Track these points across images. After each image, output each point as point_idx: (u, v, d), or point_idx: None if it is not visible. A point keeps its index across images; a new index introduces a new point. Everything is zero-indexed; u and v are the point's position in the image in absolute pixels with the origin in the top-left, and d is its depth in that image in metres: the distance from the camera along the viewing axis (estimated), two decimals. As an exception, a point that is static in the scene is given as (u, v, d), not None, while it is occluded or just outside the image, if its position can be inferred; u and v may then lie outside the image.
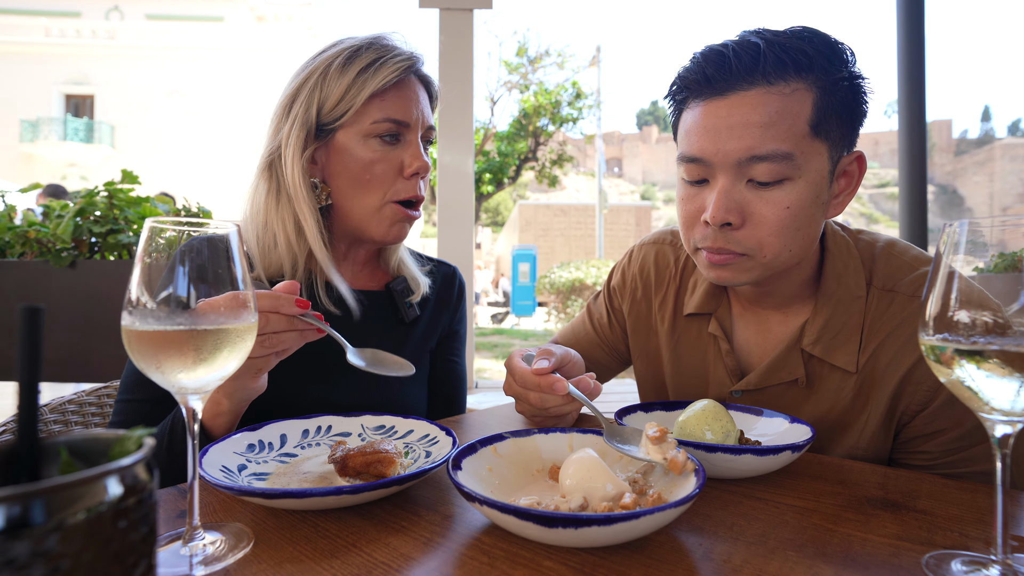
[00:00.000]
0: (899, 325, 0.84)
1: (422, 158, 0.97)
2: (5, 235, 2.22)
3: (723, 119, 0.77)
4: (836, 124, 0.78)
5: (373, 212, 0.97)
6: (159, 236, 0.52)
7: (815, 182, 0.79)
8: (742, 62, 0.76)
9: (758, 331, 0.97)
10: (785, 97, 0.75)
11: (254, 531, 0.57)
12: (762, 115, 0.75)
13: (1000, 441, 0.49)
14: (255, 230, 0.98)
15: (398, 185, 0.97)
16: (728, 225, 0.80)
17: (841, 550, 0.53)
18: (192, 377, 0.52)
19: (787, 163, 0.76)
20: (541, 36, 37.19)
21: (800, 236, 0.81)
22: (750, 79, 0.76)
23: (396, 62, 0.94)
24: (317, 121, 0.95)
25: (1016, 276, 0.46)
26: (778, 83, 0.75)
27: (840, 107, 0.77)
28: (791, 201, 0.77)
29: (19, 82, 25.15)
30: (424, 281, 1.12)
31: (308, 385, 0.96)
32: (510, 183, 16.73)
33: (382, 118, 0.94)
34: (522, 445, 0.71)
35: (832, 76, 0.76)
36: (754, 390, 0.93)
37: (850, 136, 0.81)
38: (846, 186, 0.84)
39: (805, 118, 0.76)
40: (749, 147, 0.76)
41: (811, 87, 0.76)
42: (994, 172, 64.21)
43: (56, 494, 0.24)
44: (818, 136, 0.77)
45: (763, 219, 0.79)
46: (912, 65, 4.26)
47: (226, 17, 27.45)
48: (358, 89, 0.93)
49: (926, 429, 0.83)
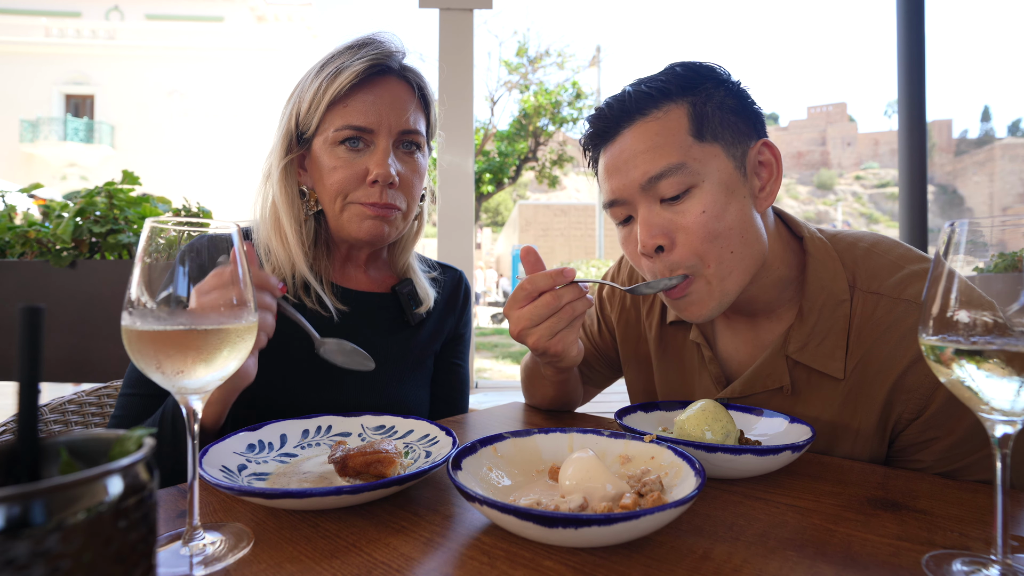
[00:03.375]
0: (887, 329, 0.82)
1: (384, 165, 0.93)
2: (5, 235, 2.22)
3: (618, 157, 0.85)
4: (721, 125, 0.82)
5: (338, 215, 0.96)
6: (159, 236, 0.52)
7: (722, 181, 0.82)
8: (615, 109, 0.85)
9: (743, 339, 0.96)
10: (659, 121, 0.82)
11: (254, 531, 0.57)
12: (646, 141, 0.82)
13: (1000, 441, 0.49)
14: (264, 232, 1.00)
15: (359, 192, 0.94)
16: (661, 250, 0.83)
17: (841, 550, 0.53)
18: (192, 377, 0.52)
19: (684, 172, 0.80)
20: (541, 36, 37.18)
21: (735, 235, 0.81)
22: (628, 118, 0.84)
23: (356, 64, 0.92)
24: (297, 130, 0.96)
25: (1016, 276, 0.46)
26: (650, 112, 0.83)
27: (718, 111, 0.82)
28: (704, 206, 0.81)
29: (19, 82, 25.15)
30: (432, 294, 1.12)
31: (308, 385, 0.96)
32: (510, 183, 16.71)
33: (342, 125, 0.92)
34: (522, 445, 0.71)
35: (700, 90, 0.83)
36: (739, 398, 0.92)
37: (745, 131, 0.84)
38: (768, 176, 0.86)
39: (684, 129, 0.81)
40: (645, 171, 0.81)
41: (682, 104, 0.82)
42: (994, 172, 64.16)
43: (56, 494, 0.24)
44: (704, 140, 0.81)
45: (687, 231, 0.81)
46: (912, 65, 4.26)
47: (226, 17, 27.45)
48: (320, 97, 0.92)
49: (919, 438, 0.81)
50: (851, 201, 77.99)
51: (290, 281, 0.98)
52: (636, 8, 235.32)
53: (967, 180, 67.90)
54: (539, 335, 0.82)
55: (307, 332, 0.86)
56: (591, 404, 1.28)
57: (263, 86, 24.17)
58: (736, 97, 0.84)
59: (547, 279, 0.81)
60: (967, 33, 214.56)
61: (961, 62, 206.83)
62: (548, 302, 0.81)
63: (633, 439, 0.69)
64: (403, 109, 0.96)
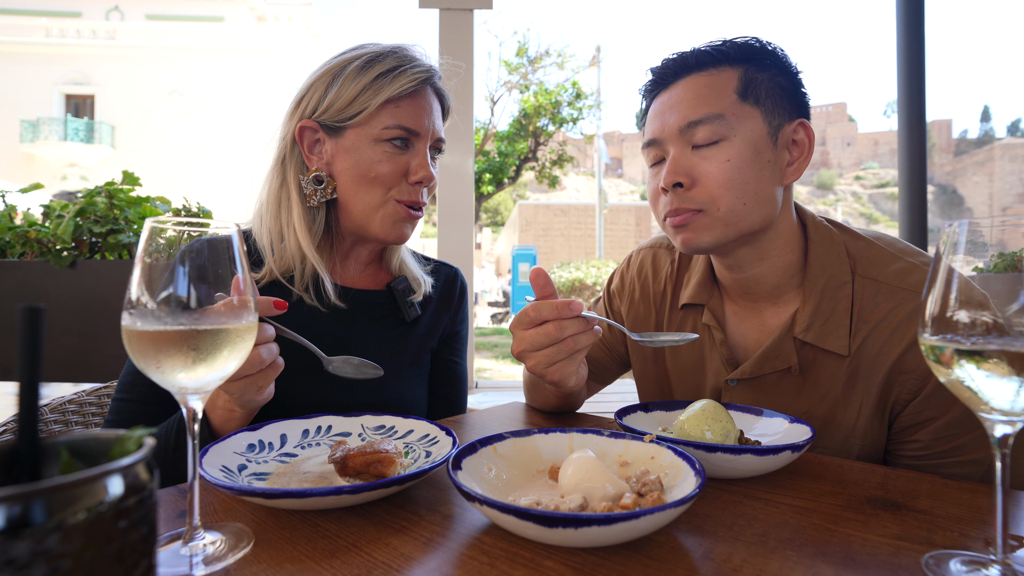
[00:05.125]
0: (886, 315, 0.87)
1: (428, 168, 0.99)
2: (5, 235, 2.22)
3: (665, 103, 0.92)
4: (766, 93, 0.88)
5: (375, 209, 0.98)
6: (159, 236, 0.52)
7: (752, 140, 0.87)
8: (677, 62, 0.92)
9: (751, 322, 1.00)
10: (712, 76, 0.89)
11: (254, 531, 0.57)
12: (694, 92, 0.89)
13: (1000, 441, 0.49)
14: (267, 225, 1.00)
15: (402, 186, 0.99)
16: (680, 187, 0.89)
17: (841, 550, 0.53)
18: (192, 377, 0.52)
19: (720, 122, 0.86)
20: (541, 36, 37.16)
21: (750, 191, 0.87)
22: (685, 71, 0.91)
23: (415, 72, 0.97)
24: (327, 116, 0.97)
25: (1016, 276, 0.46)
26: (706, 68, 0.90)
27: (768, 82, 0.89)
28: (730, 155, 0.86)
29: (19, 82, 25.15)
30: (426, 280, 1.13)
31: (308, 385, 0.96)
32: (510, 183, 16.71)
33: (394, 124, 0.96)
34: (522, 445, 0.71)
35: (755, 60, 0.89)
36: (749, 379, 0.96)
37: (787, 107, 0.90)
38: (799, 155, 0.91)
39: (732, 87, 0.88)
40: (685, 116, 0.88)
41: (736, 68, 0.89)
42: (994, 172, 64.18)
43: (57, 494, 0.24)
44: (746, 100, 0.88)
45: (709, 174, 0.87)
46: (912, 65, 4.26)
47: (226, 17, 27.45)
48: (374, 92, 0.95)
49: (917, 418, 0.85)
50: (851, 201, 77.99)
51: (298, 273, 0.98)
52: (636, 8, 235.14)
53: (967, 180, 67.89)
54: (537, 361, 0.81)
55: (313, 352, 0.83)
56: (591, 404, 1.28)
57: (263, 86, 24.17)
58: (788, 77, 0.90)
59: (552, 310, 0.80)
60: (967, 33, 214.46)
61: (961, 62, 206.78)
62: (550, 332, 0.80)
63: (633, 439, 0.69)
64: (439, 119, 1.04)
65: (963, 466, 0.83)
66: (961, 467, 0.83)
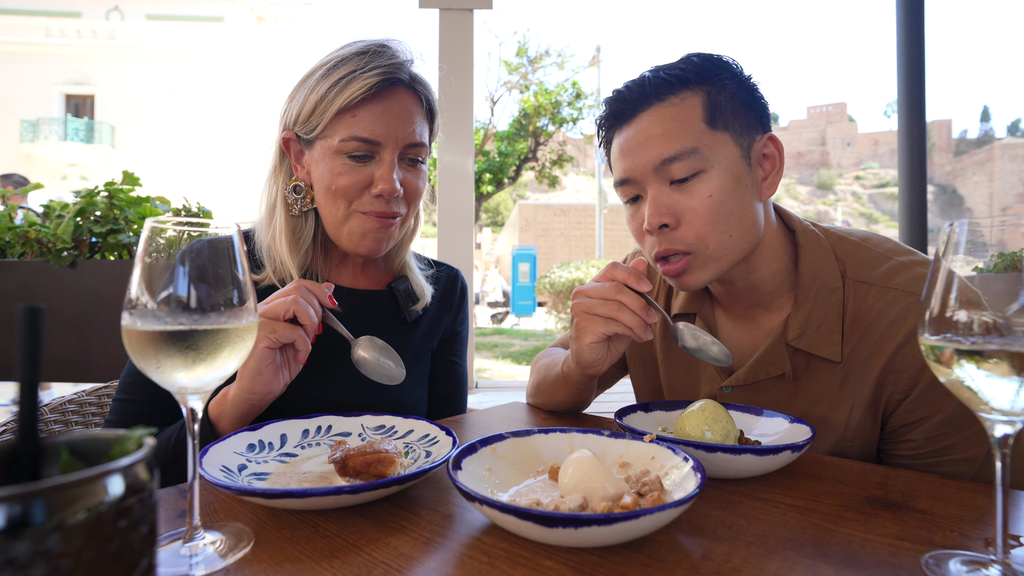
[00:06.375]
0: (877, 315, 0.87)
1: (390, 180, 0.91)
2: (5, 235, 2.22)
3: (633, 139, 0.89)
4: (732, 116, 0.87)
5: (341, 222, 0.95)
6: (159, 236, 0.52)
7: (730, 168, 0.86)
8: (634, 92, 0.90)
9: (744, 329, 1.00)
10: (676, 106, 0.87)
11: (254, 531, 0.57)
12: (661, 126, 0.87)
13: (1000, 441, 0.49)
14: (261, 231, 1.00)
15: (364, 199, 0.93)
16: (666, 227, 0.87)
17: (841, 550, 0.53)
18: (192, 377, 0.52)
19: (695, 156, 0.85)
20: (541, 36, 37.21)
21: (734, 221, 0.86)
22: (646, 102, 0.88)
23: (368, 76, 0.90)
24: (298, 128, 0.96)
25: (1016, 276, 0.46)
26: (667, 98, 0.87)
27: (731, 102, 0.87)
28: (711, 190, 0.85)
29: (19, 82, 25.15)
30: (428, 290, 1.12)
31: (308, 385, 0.96)
32: (510, 183, 16.71)
33: (349, 136, 0.90)
34: (522, 445, 0.71)
35: (715, 80, 0.87)
36: (743, 386, 0.96)
37: (753, 123, 0.89)
38: (771, 168, 0.91)
39: (699, 116, 0.86)
40: (659, 153, 0.86)
41: (697, 92, 0.87)
42: (993, 172, 64.16)
43: (57, 494, 0.24)
44: (716, 128, 0.86)
45: (693, 212, 0.86)
46: (912, 65, 4.26)
47: (226, 17, 27.45)
48: (327, 104, 0.91)
49: (909, 417, 0.85)
50: (851, 201, 77.98)
51: (297, 276, 0.98)
52: (636, 8, 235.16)
53: (967, 180, 67.88)
54: (579, 301, 0.88)
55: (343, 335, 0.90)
56: (591, 404, 1.28)
57: (263, 86, 24.17)
58: (747, 90, 0.89)
59: (625, 273, 0.85)
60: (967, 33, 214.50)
61: (961, 62, 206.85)
62: (607, 286, 0.85)
63: (633, 439, 0.70)
64: (410, 121, 0.94)
65: (956, 464, 0.83)
66: (955, 465, 0.83)
